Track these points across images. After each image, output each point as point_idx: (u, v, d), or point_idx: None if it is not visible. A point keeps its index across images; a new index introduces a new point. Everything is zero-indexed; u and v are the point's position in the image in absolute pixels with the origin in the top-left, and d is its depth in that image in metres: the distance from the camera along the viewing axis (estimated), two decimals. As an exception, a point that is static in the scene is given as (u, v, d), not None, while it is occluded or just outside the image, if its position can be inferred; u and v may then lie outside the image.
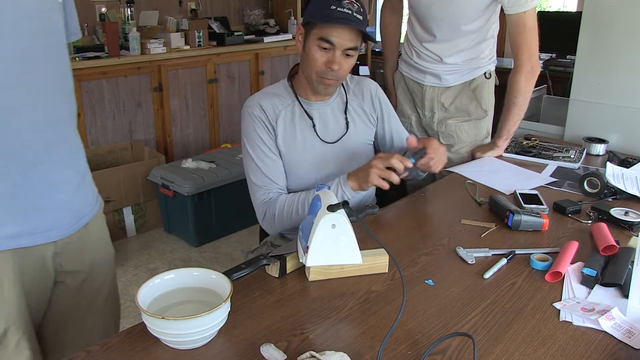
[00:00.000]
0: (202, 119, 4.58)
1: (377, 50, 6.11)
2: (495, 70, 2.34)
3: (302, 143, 1.77)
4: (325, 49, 1.64)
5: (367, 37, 1.65)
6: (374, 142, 1.93)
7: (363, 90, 1.89)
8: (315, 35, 1.64)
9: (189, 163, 3.75)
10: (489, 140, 2.36)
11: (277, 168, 1.74)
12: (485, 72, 2.29)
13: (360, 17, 1.61)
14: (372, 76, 6.00)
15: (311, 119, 1.79)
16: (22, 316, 1.23)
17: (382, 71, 6.43)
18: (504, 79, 2.27)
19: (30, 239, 1.22)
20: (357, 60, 5.77)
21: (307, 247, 1.27)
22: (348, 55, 1.67)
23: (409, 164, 1.56)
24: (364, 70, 5.80)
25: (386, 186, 1.58)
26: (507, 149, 2.33)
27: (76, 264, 1.35)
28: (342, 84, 1.86)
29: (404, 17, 2.53)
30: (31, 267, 1.25)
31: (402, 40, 2.53)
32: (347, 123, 1.83)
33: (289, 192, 1.79)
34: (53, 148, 1.23)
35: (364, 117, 1.87)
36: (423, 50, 2.29)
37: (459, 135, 2.31)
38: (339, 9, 1.59)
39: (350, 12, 1.60)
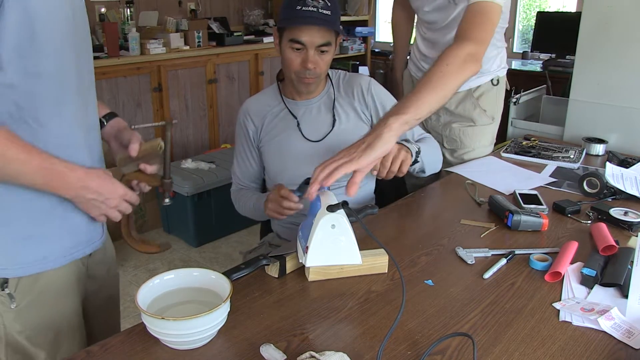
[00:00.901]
0: (201, 120, 4.58)
1: (376, 50, 6.11)
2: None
3: (286, 142, 1.81)
4: (298, 49, 1.68)
5: (336, 31, 1.70)
6: None
7: (353, 87, 1.88)
8: (287, 37, 1.69)
9: (188, 163, 3.75)
10: (492, 147, 2.34)
11: (248, 171, 1.90)
12: (492, 79, 2.25)
13: (328, 12, 1.64)
14: (372, 76, 5.98)
15: (295, 118, 1.82)
16: (79, 325, 1.33)
17: (382, 71, 6.44)
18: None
19: (82, 250, 1.29)
20: (357, 61, 5.78)
21: (307, 248, 1.27)
22: (323, 51, 1.70)
23: (295, 199, 1.55)
24: (364, 70, 5.79)
25: (282, 218, 1.63)
26: (506, 148, 2.32)
27: (100, 267, 1.41)
28: (331, 81, 1.86)
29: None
30: (78, 276, 1.32)
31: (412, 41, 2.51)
32: (333, 121, 1.83)
33: None
34: (95, 150, 1.29)
35: (355, 114, 1.86)
36: (428, 55, 2.28)
37: (463, 140, 2.28)
38: (303, 8, 1.63)
39: (315, 9, 1.63)
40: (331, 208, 1.27)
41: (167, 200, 1.36)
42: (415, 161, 1.71)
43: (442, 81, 1.48)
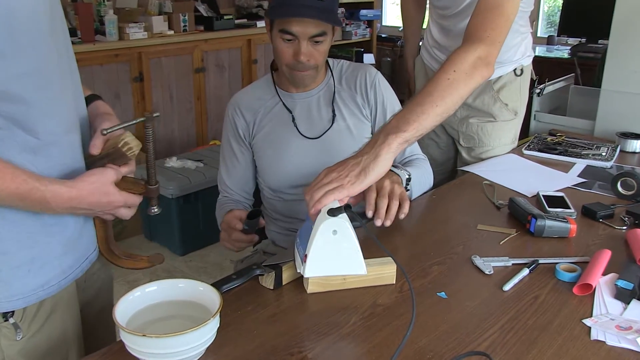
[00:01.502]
0: (188, 113, 4.59)
1: (383, 35, 6.12)
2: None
3: (280, 139, 1.81)
4: (289, 40, 1.69)
5: (333, 22, 1.68)
6: None
7: (357, 79, 1.88)
8: (277, 26, 1.69)
9: (173, 162, 3.75)
10: (515, 145, 2.34)
11: (238, 176, 1.90)
12: (515, 69, 2.25)
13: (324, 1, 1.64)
14: (378, 65, 6.01)
15: (290, 112, 1.82)
16: (80, 336, 1.35)
17: (389, 59, 6.46)
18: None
19: (81, 267, 1.30)
20: (361, 48, 5.78)
21: (305, 256, 1.27)
22: (317, 42, 1.70)
23: (242, 235, 1.63)
24: (369, 58, 5.80)
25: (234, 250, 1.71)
26: (529, 145, 2.32)
27: (95, 277, 1.44)
28: (331, 72, 1.87)
29: None
30: (77, 290, 1.34)
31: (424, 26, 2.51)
32: (333, 116, 1.83)
33: (272, 190, 1.87)
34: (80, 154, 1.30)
35: (356, 110, 1.86)
36: (442, 43, 2.28)
37: (481, 138, 2.28)
38: None
39: None
40: (332, 212, 1.26)
41: (154, 209, 1.33)
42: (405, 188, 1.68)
43: (449, 91, 1.45)
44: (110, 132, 1.21)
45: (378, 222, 1.52)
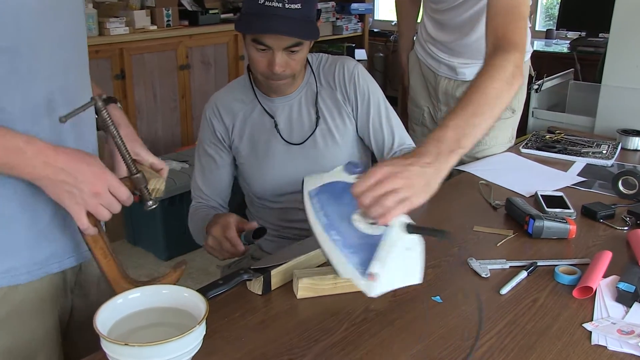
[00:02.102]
0: (172, 112, 4.58)
1: (375, 30, 6.12)
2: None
3: (262, 146, 1.78)
4: (263, 49, 1.63)
5: (309, 36, 1.63)
6: (368, 141, 1.87)
7: (334, 74, 1.82)
8: (249, 35, 1.63)
9: (157, 163, 3.74)
10: (512, 143, 2.35)
11: (214, 181, 1.85)
12: None
13: (297, 6, 1.57)
14: (370, 60, 6.01)
15: (272, 117, 1.79)
16: (54, 343, 1.32)
17: (382, 55, 6.46)
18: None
19: (59, 264, 1.28)
20: (352, 43, 5.79)
21: (373, 275, 1.17)
22: (293, 51, 1.64)
23: (241, 248, 1.55)
24: (361, 53, 5.81)
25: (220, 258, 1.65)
26: (526, 143, 2.33)
27: (93, 284, 1.42)
28: (312, 68, 1.83)
29: None
30: (55, 293, 1.31)
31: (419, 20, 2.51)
32: (317, 119, 1.80)
33: (257, 198, 1.85)
34: (89, 148, 1.30)
35: (337, 109, 1.82)
36: (436, 37, 2.28)
37: None
38: (267, 2, 1.56)
39: (280, 4, 1.56)
40: (412, 229, 1.19)
41: (150, 203, 1.28)
42: None
43: (497, 102, 1.41)
44: (69, 118, 1.14)
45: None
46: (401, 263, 1.19)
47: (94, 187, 1.14)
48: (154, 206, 1.28)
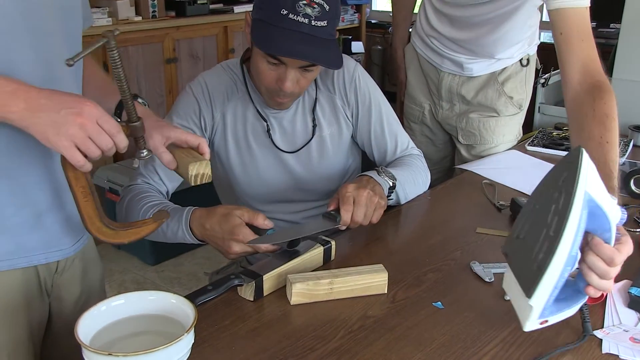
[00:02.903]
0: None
1: (372, 22, 6.12)
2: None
3: (251, 151, 1.74)
4: (274, 63, 1.55)
5: (335, 64, 1.58)
6: (369, 147, 1.87)
7: (333, 76, 1.78)
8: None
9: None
10: (515, 142, 2.35)
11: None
12: (521, 59, 2.26)
13: (323, 24, 1.50)
14: (367, 54, 6.01)
15: (265, 121, 1.74)
16: (24, 350, 1.30)
17: (380, 48, 6.45)
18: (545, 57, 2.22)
19: (28, 259, 1.27)
20: (349, 35, 5.79)
21: (547, 322, 1.17)
22: (307, 70, 1.58)
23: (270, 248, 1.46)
24: (357, 46, 5.81)
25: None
26: (532, 141, 2.34)
27: (72, 289, 1.40)
28: None
29: None
30: (27, 295, 1.30)
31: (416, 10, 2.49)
32: (313, 127, 1.77)
33: (242, 204, 1.78)
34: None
35: (336, 114, 1.80)
36: (443, 32, 2.24)
37: (483, 135, 2.28)
38: (290, 15, 1.47)
39: (306, 20, 1.48)
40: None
41: (143, 152, 1.26)
42: (387, 197, 1.65)
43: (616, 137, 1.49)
44: (77, 60, 1.13)
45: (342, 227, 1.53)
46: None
47: (79, 116, 1.09)
48: (148, 155, 1.27)
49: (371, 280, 1.36)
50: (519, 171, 2.09)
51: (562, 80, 1.65)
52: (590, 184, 1.11)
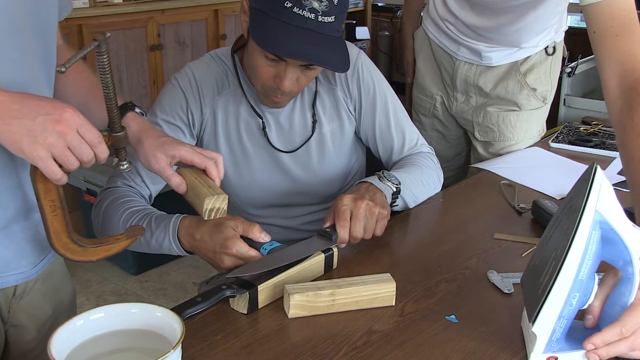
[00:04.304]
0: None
1: (379, 4, 6.12)
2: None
3: (244, 150, 1.75)
4: (273, 60, 1.54)
5: (340, 67, 1.58)
6: (374, 144, 1.87)
7: None
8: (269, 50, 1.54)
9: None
10: (538, 138, 2.35)
11: None
12: (546, 47, 2.26)
13: (331, 19, 1.49)
14: (373, 41, 6.01)
15: (260, 117, 1.74)
16: None
17: (387, 33, 6.44)
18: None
19: None
20: (353, 20, 5.78)
21: (555, 358, 1.19)
22: (309, 68, 1.58)
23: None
24: (362, 32, 5.81)
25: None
26: (557, 137, 2.34)
27: (34, 318, 1.38)
28: None
29: None
30: None
31: None
32: (313, 123, 1.78)
33: (233, 208, 1.79)
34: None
35: (337, 109, 1.80)
36: (464, 19, 2.22)
37: (502, 131, 2.28)
38: (295, 9, 1.45)
39: (312, 16, 1.46)
40: None
41: (123, 164, 1.26)
42: (392, 203, 1.66)
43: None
44: (69, 66, 1.12)
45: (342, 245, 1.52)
46: None
47: (59, 123, 1.07)
48: (129, 168, 1.27)
49: (377, 291, 1.37)
50: (541, 171, 2.09)
51: (602, 85, 1.63)
52: (604, 204, 1.11)
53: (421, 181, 1.79)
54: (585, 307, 1.17)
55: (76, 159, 1.10)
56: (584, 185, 1.13)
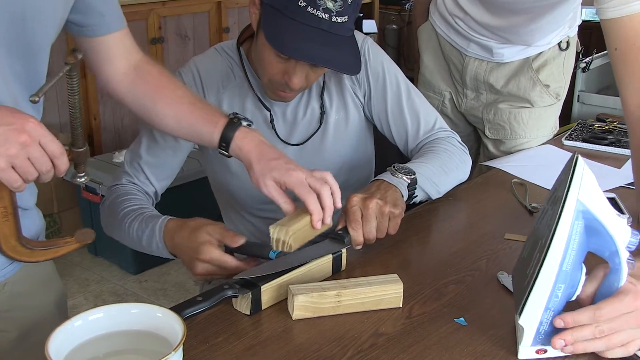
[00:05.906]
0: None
1: (388, -4, 6.11)
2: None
3: None
4: (283, 57, 1.56)
5: (350, 69, 1.60)
6: (388, 130, 1.86)
7: None
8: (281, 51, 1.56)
9: (122, 156, 3.75)
10: (550, 136, 2.34)
11: (164, 160, 1.74)
12: (560, 42, 2.26)
13: (344, 19, 1.52)
14: (381, 34, 6.01)
15: (268, 109, 1.75)
16: None
17: (394, 27, 6.46)
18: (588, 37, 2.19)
19: None
20: (361, 12, 5.77)
21: (545, 351, 1.20)
22: (318, 66, 1.60)
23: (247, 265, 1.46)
24: (370, 25, 5.80)
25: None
26: (571, 134, 2.34)
27: (10, 319, 1.39)
28: None
29: None
30: None
31: None
32: (321, 114, 1.79)
33: (239, 205, 1.80)
34: None
35: (344, 98, 1.81)
36: (474, 15, 2.20)
37: (514, 128, 2.28)
38: (309, 9, 1.47)
39: (327, 16, 1.49)
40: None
41: (81, 177, 1.28)
42: (410, 195, 1.65)
43: None
44: (41, 96, 1.15)
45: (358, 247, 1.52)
46: None
47: (21, 134, 1.07)
48: (85, 181, 1.29)
49: (384, 293, 1.37)
50: (554, 169, 2.06)
51: (621, 103, 1.63)
52: (586, 194, 1.14)
53: (441, 167, 1.74)
54: (573, 298, 1.18)
55: (35, 170, 1.11)
56: (566, 176, 1.16)
